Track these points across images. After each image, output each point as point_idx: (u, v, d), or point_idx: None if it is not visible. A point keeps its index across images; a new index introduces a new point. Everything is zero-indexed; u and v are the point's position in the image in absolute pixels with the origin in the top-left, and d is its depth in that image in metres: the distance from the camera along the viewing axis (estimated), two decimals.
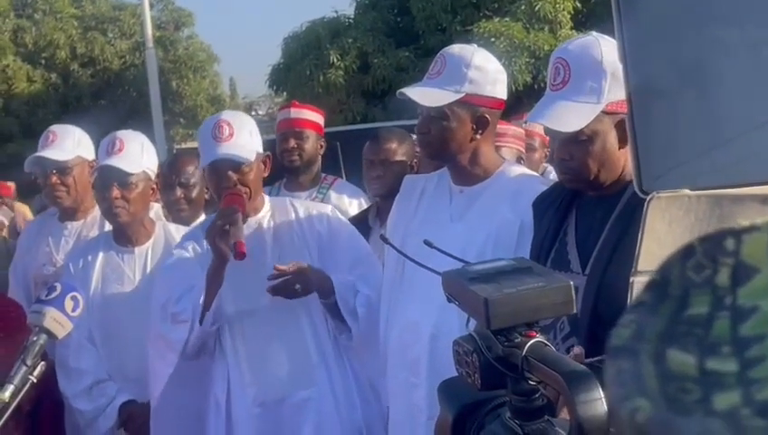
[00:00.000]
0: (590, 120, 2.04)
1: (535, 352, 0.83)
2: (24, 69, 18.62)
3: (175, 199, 3.56)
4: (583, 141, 2.05)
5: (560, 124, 2.05)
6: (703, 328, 0.42)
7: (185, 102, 20.44)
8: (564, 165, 2.11)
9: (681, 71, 1.32)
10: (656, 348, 0.42)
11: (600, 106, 2.04)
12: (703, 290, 0.43)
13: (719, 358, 0.41)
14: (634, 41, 1.33)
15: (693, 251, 0.45)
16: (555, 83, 2.12)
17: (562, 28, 13.44)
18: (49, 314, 2.11)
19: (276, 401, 2.79)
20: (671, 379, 0.40)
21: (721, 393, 0.39)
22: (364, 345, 2.81)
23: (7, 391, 2.01)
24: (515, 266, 0.89)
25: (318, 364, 2.80)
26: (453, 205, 2.61)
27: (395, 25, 15.05)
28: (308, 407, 2.79)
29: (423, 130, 2.56)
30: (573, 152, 2.07)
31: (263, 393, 2.80)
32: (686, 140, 1.30)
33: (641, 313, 0.44)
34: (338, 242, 2.86)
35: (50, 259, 3.51)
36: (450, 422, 0.94)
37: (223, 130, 2.75)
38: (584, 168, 2.06)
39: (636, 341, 0.43)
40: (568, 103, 2.06)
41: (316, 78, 14.03)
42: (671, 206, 1.15)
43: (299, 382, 2.80)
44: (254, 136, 2.84)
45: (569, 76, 2.08)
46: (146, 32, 16.26)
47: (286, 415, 2.79)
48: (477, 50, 2.59)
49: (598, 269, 2.01)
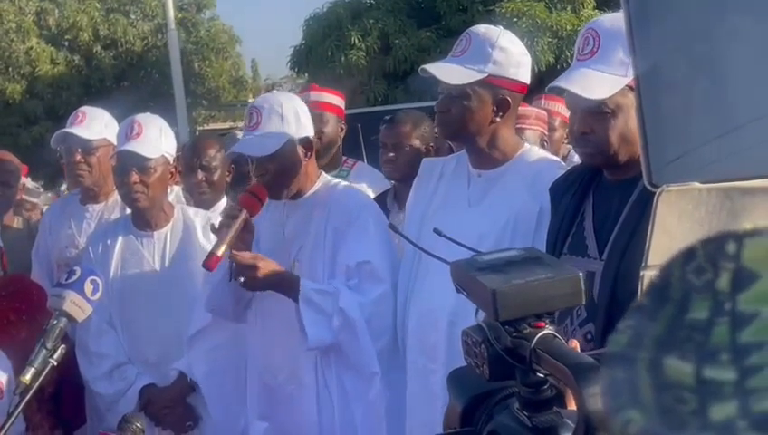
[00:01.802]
0: (614, 90, 2.00)
1: (543, 344, 0.82)
2: (47, 51, 18.72)
3: (196, 182, 3.58)
4: (606, 114, 2.02)
5: (583, 90, 2.01)
6: (702, 334, 0.41)
7: (207, 84, 20.48)
8: (584, 139, 2.06)
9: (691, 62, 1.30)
10: (652, 356, 0.41)
11: (626, 79, 1.99)
12: (703, 295, 0.42)
13: (717, 366, 0.40)
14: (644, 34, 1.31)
15: (694, 254, 0.44)
16: (583, 53, 2.08)
17: (585, 8, 13.30)
18: (69, 298, 2.13)
19: (273, 386, 2.83)
20: (667, 388, 0.40)
21: (718, 404, 0.38)
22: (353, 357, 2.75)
23: (28, 374, 2.03)
24: (525, 256, 0.88)
25: (305, 365, 2.78)
26: (471, 189, 2.58)
27: (416, 6, 14.96)
28: (292, 403, 2.79)
29: (443, 109, 2.54)
30: (595, 126, 2.03)
31: (265, 372, 2.84)
32: (695, 133, 1.28)
33: (639, 318, 0.43)
34: (345, 244, 2.77)
35: (72, 242, 3.53)
36: (459, 412, 0.94)
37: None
38: (605, 142, 2.02)
39: (632, 348, 0.42)
40: (594, 72, 2.03)
41: (337, 59, 14.00)
42: (681, 199, 1.14)
43: (288, 377, 2.80)
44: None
45: (598, 46, 2.05)
46: (168, 13, 16.27)
47: (277, 403, 2.82)
48: (503, 31, 2.56)
49: (615, 255, 1.98)
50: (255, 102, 2.89)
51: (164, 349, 3.07)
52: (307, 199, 2.82)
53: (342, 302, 2.68)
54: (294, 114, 2.77)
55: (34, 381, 2.04)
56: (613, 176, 2.11)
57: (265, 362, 2.83)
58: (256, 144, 2.71)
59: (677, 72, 1.30)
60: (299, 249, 2.80)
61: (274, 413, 2.83)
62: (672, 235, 1.11)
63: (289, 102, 2.83)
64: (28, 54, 18.47)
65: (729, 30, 1.26)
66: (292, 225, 2.83)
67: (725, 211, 1.10)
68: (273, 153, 2.71)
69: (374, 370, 2.71)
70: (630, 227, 1.99)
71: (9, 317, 3.00)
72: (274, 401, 2.83)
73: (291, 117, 2.76)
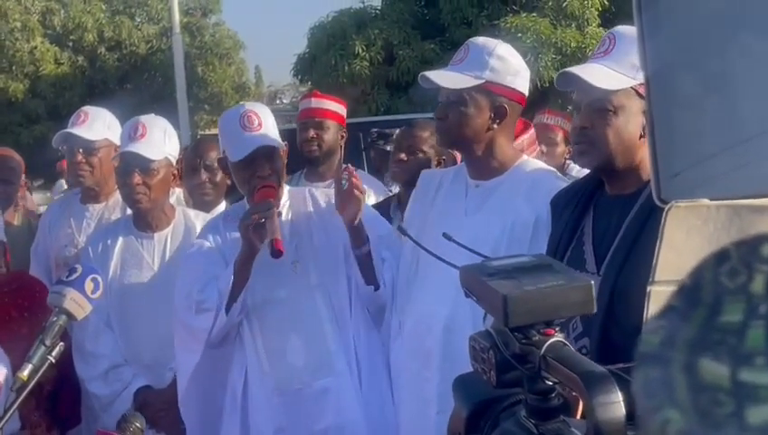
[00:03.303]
0: (621, 87, 2.02)
1: (553, 352, 0.82)
2: (51, 51, 18.74)
3: (200, 183, 3.57)
4: (608, 112, 2.03)
5: (591, 77, 2.02)
6: (736, 337, 0.41)
7: (210, 89, 20.51)
8: (582, 133, 2.07)
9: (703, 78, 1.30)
10: (687, 357, 0.40)
11: (634, 82, 2.02)
12: (736, 297, 0.42)
13: (753, 369, 0.39)
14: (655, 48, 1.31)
15: (727, 256, 0.43)
16: (598, 52, 2.11)
17: (590, 25, 13.36)
18: (69, 295, 2.12)
19: (295, 391, 2.78)
20: (703, 390, 0.39)
21: (755, 407, 0.38)
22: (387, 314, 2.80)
23: (26, 371, 2.02)
24: (535, 263, 0.88)
25: (336, 352, 2.78)
26: (468, 199, 2.60)
27: (421, 18, 15.01)
28: (327, 396, 2.77)
29: (440, 116, 2.56)
30: (595, 121, 2.04)
31: (281, 383, 2.79)
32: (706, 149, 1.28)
33: (671, 318, 0.43)
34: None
35: (71, 241, 3.53)
36: (464, 418, 0.93)
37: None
38: (603, 139, 2.03)
39: (665, 348, 0.41)
40: (604, 68, 2.05)
41: (341, 68, 14.03)
42: (690, 215, 1.13)
43: (317, 371, 2.78)
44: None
45: (613, 47, 2.08)
46: (173, 17, 16.31)
47: (306, 404, 2.78)
48: (502, 43, 2.61)
49: (612, 270, 1.99)
50: (248, 107, 2.86)
51: (161, 351, 3.05)
52: (282, 207, 2.83)
53: (386, 255, 2.79)
54: (274, 124, 2.83)
55: (32, 378, 2.03)
56: (613, 190, 2.12)
57: (280, 371, 2.79)
58: (269, 141, 2.73)
59: (689, 87, 1.30)
60: (294, 250, 2.80)
61: (295, 420, 2.79)
62: (680, 251, 1.11)
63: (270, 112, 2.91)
64: (32, 54, 18.49)
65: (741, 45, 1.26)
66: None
67: (734, 228, 1.10)
68: (278, 153, 2.75)
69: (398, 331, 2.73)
70: (628, 242, 1.99)
71: (11, 313, 2.99)
72: (297, 408, 2.78)
73: (274, 125, 2.82)
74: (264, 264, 2.75)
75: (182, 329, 2.84)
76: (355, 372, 2.80)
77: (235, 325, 2.80)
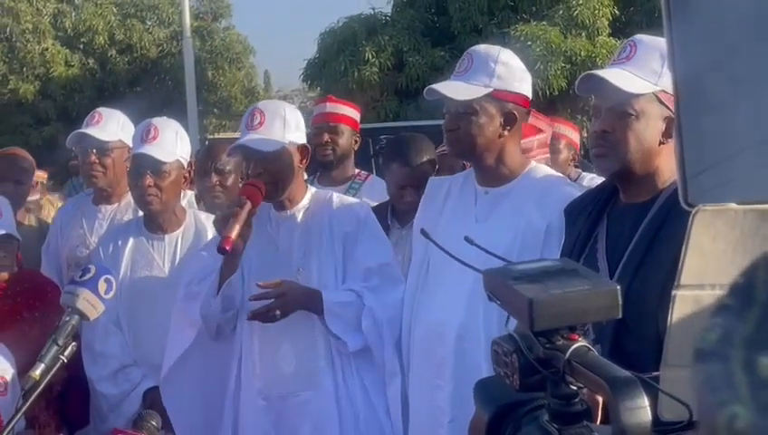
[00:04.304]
0: (644, 91, 2.02)
1: (579, 357, 0.82)
2: (62, 53, 18.79)
3: (210, 186, 3.58)
4: (630, 116, 2.03)
5: (616, 80, 2.02)
6: None
7: (219, 93, 20.53)
8: (603, 137, 2.06)
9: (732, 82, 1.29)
10: (745, 354, 0.40)
11: (655, 88, 2.03)
12: None
13: None
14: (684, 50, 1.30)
15: None
16: (619, 58, 2.11)
17: (600, 35, 13.34)
18: (82, 296, 2.13)
19: (280, 398, 2.80)
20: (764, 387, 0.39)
21: None
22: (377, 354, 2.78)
23: (38, 370, 2.03)
24: (561, 267, 0.88)
25: (324, 368, 2.78)
26: (478, 206, 2.60)
27: (431, 25, 15.02)
28: (308, 408, 2.78)
29: (451, 127, 2.56)
30: (616, 125, 2.04)
31: (268, 388, 2.80)
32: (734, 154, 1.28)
33: (726, 316, 0.43)
34: (359, 247, 2.80)
35: (83, 241, 3.53)
36: (486, 422, 0.93)
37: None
38: (623, 143, 2.03)
39: (724, 345, 0.41)
40: (626, 72, 2.06)
41: (350, 74, 14.04)
42: (716, 220, 1.13)
43: (303, 383, 2.78)
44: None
45: (634, 53, 2.09)
46: (184, 21, 16.35)
47: (288, 412, 2.79)
48: (503, 49, 2.63)
49: (625, 277, 1.98)
50: (258, 105, 2.92)
51: None
52: (300, 209, 2.84)
53: (368, 301, 2.73)
54: (295, 121, 2.82)
55: (44, 378, 2.03)
56: (627, 198, 2.11)
57: (270, 375, 2.80)
58: (260, 141, 2.73)
59: (717, 91, 1.30)
60: (302, 256, 2.80)
61: (278, 428, 2.80)
62: (705, 255, 1.10)
63: (291, 109, 2.90)
64: (43, 55, 18.54)
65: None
66: (287, 235, 2.83)
67: (761, 233, 1.09)
68: (275, 153, 2.73)
69: (396, 369, 2.74)
70: (642, 250, 1.99)
71: (22, 313, 3.00)
72: (280, 414, 2.79)
73: (292, 122, 2.80)
74: (269, 267, 2.77)
75: (178, 314, 2.89)
76: (342, 391, 2.78)
77: (229, 320, 2.81)
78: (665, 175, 2.07)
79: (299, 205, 2.85)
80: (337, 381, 2.78)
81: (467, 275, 2.34)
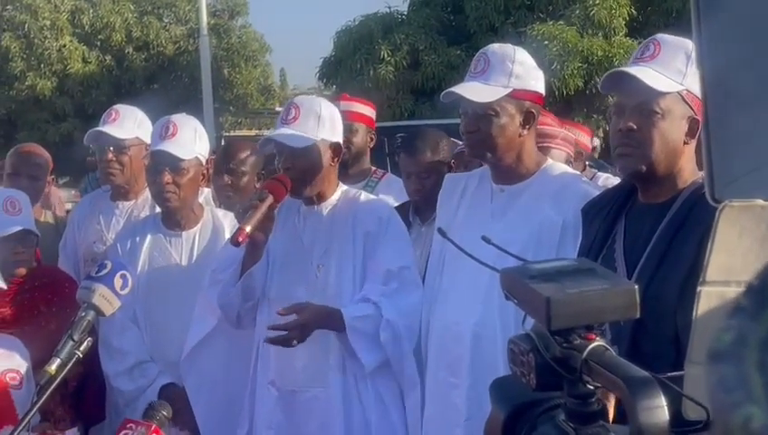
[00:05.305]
0: (671, 90, 2.01)
1: (596, 356, 0.82)
2: (79, 50, 18.90)
3: (222, 185, 3.59)
4: (656, 114, 2.02)
5: (645, 77, 2.01)
6: None
7: (235, 91, 20.60)
8: (628, 135, 2.04)
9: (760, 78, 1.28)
10: (759, 356, 0.40)
11: (680, 87, 2.02)
12: None
13: None
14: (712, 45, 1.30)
15: None
16: (643, 57, 2.09)
17: (617, 34, 13.29)
18: (98, 291, 2.13)
19: (290, 391, 2.81)
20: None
21: None
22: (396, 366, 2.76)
23: (54, 365, 2.03)
24: (577, 267, 0.87)
25: (334, 368, 2.78)
26: (494, 203, 2.60)
27: (448, 23, 15.01)
28: (316, 405, 2.79)
29: (471, 129, 2.55)
30: (642, 123, 2.02)
31: (280, 380, 2.82)
32: (761, 150, 1.27)
33: (741, 318, 0.43)
34: (380, 248, 2.79)
35: (100, 237, 3.55)
36: (502, 421, 0.93)
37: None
38: (648, 143, 2.01)
39: (738, 346, 0.41)
40: (652, 71, 2.04)
41: (366, 73, 14.05)
42: (743, 215, 1.12)
43: (312, 379, 2.79)
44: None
45: (658, 52, 2.08)
46: (201, 19, 16.43)
47: (297, 406, 2.81)
48: (517, 48, 2.63)
49: (643, 278, 1.97)
50: (296, 99, 2.93)
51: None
52: (327, 206, 2.85)
53: (387, 313, 2.70)
54: (330, 118, 2.82)
55: (59, 373, 2.04)
56: (646, 199, 2.11)
57: (282, 368, 2.82)
58: (290, 136, 2.74)
59: (745, 87, 1.29)
60: (323, 254, 2.80)
61: (289, 420, 2.81)
62: (731, 251, 1.10)
63: (328, 106, 2.88)
64: (60, 52, 18.65)
65: None
66: (312, 231, 2.84)
67: None
68: (304, 149, 2.73)
69: (415, 380, 2.73)
70: (660, 251, 1.98)
71: (39, 308, 3.01)
72: (290, 407, 2.81)
73: (327, 120, 2.80)
74: (292, 260, 2.78)
75: (202, 300, 2.93)
76: (353, 393, 2.78)
77: (249, 309, 2.83)
78: (685, 175, 2.06)
79: (327, 201, 2.86)
80: (347, 382, 2.78)
81: (483, 273, 2.35)
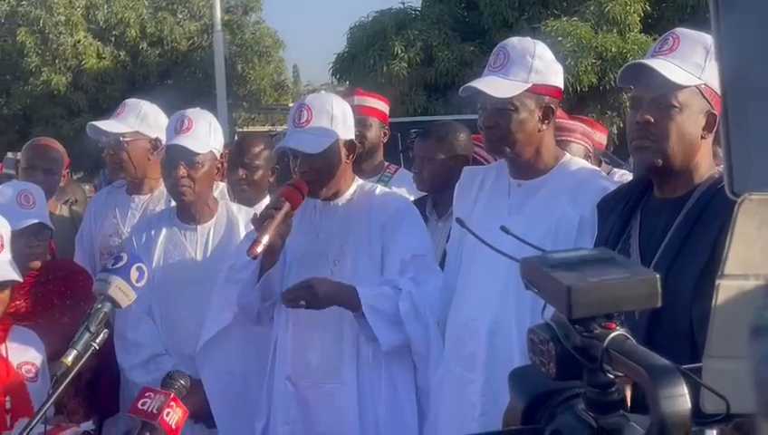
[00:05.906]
0: (690, 83, 2.00)
1: (617, 345, 0.81)
2: (94, 45, 18.96)
3: (237, 179, 3.59)
4: (673, 108, 2.01)
5: (664, 70, 2.00)
6: None
7: (249, 86, 20.63)
8: (645, 129, 2.03)
9: None
10: None
11: (699, 81, 2.01)
12: None
13: None
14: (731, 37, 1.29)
15: None
16: (662, 50, 2.08)
17: (631, 31, 13.25)
18: (114, 283, 2.14)
19: (305, 387, 2.82)
20: None
21: None
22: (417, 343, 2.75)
23: (70, 356, 2.05)
24: (598, 256, 0.87)
25: (348, 363, 2.78)
26: (511, 198, 2.59)
27: (461, 19, 14.99)
28: (331, 400, 2.79)
29: (490, 124, 2.53)
30: (659, 117, 2.01)
31: (296, 375, 2.83)
32: None
33: None
34: (395, 239, 2.78)
35: (116, 230, 3.56)
36: (521, 411, 0.93)
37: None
38: (665, 136, 2.00)
39: None
40: (670, 64, 2.03)
41: (380, 68, 14.05)
42: (762, 208, 1.12)
43: (327, 375, 2.80)
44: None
45: (677, 46, 2.06)
46: (215, 14, 16.46)
47: (312, 401, 2.82)
48: (537, 42, 2.61)
49: (659, 272, 1.96)
50: (306, 100, 2.90)
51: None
52: (343, 201, 2.85)
53: (405, 286, 2.70)
54: (342, 115, 2.81)
55: (75, 364, 2.05)
56: (662, 193, 2.10)
57: (298, 363, 2.83)
58: (306, 141, 2.73)
59: (765, 80, 1.28)
60: (339, 249, 2.81)
61: (304, 415, 2.82)
62: (750, 244, 1.09)
63: (338, 103, 2.86)
64: (75, 47, 18.71)
65: None
66: (328, 227, 2.84)
67: None
68: (321, 151, 2.72)
69: (441, 356, 2.70)
70: (676, 246, 1.98)
71: (53, 301, 3.03)
72: (306, 402, 2.82)
73: (339, 117, 2.79)
74: (308, 255, 2.78)
75: (218, 295, 2.94)
76: (366, 387, 2.78)
77: (268, 308, 2.85)
78: (701, 170, 2.05)
79: (343, 196, 2.86)
80: (361, 377, 2.78)
81: (500, 269, 2.36)
